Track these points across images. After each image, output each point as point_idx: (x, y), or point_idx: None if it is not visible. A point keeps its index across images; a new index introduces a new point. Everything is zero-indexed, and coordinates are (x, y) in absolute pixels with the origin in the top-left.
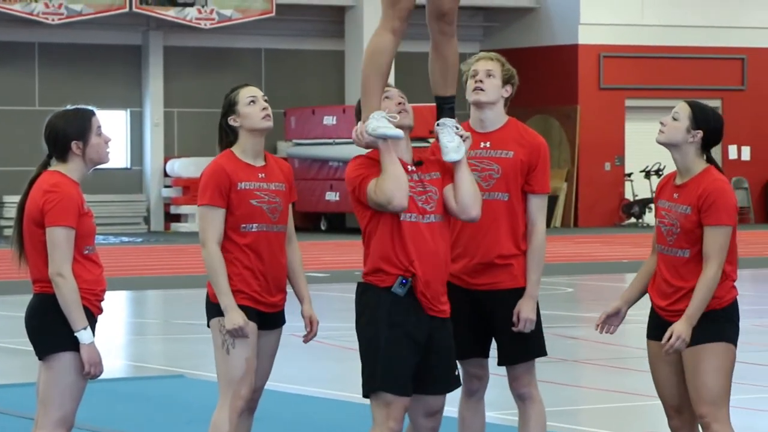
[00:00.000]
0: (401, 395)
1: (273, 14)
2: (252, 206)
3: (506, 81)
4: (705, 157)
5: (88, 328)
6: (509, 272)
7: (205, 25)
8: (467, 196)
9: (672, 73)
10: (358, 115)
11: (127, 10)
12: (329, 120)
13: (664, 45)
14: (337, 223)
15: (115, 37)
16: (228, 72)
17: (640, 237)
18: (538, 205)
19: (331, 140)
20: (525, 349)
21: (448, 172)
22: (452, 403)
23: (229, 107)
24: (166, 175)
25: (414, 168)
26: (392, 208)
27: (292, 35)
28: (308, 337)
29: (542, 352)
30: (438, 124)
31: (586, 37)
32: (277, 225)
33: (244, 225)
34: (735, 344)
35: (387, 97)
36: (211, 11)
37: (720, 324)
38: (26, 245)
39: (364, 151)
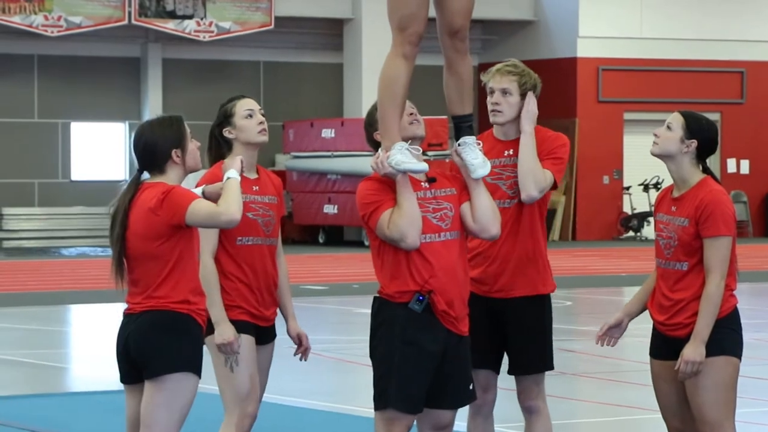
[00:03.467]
0: (410, 413)
1: (272, 27)
2: (248, 219)
3: (524, 94)
4: (701, 167)
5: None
6: (527, 279)
7: (204, 37)
8: (487, 214)
9: (671, 86)
10: (368, 129)
11: (126, 22)
12: (327, 133)
13: (663, 58)
14: (336, 236)
15: (114, 49)
16: (227, 84)
17: (638, 250)
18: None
19: (329, 153)
20: (535, 360)
21: (465, 189)
22: (462, 417)
23: (225, 118)
24: None
25: (427, 185)
26: (404, 246)
27: (291, 48)
28: (301, 352)
29: (550, 366)
30: (459, 144)
31: (584, 50)
32: (270, 238)
33: (239, 238)
34: (737, 355)
35: None
36: (210, 24)
37: (719, 336)
38: (135, 266)
39: (366, 167)
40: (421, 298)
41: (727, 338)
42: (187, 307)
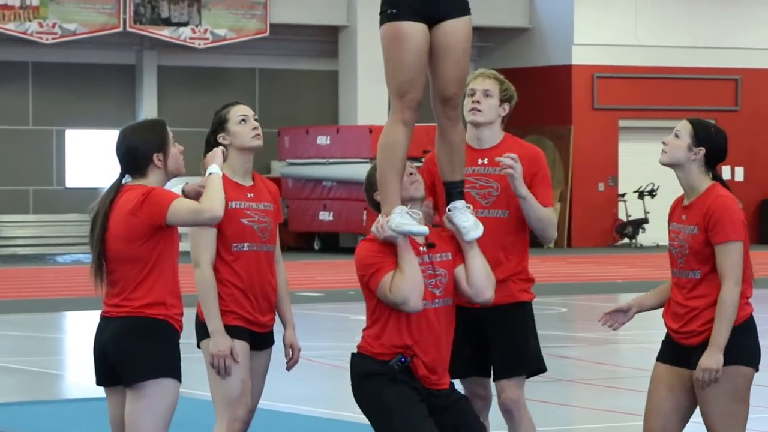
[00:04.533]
0: None
1: (267, 34)
2: (243, 225)
3: (504, 100)
4: (711, 175)
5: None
6: (507, 289)
7: (199, 44)
8: (481, 278)
9: (666, 93)
10: (368, 191)
11: (121, 29)
12: (323, 140)
13: (658, 66)
14: (331, 243)
15: (109, 56)
16: (222, 91)
17: (633, 257)
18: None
19: (324, 160)
20: (515, 363)
21: (459, 252)
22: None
23: (219, 124)
24: None
25: (425, 249)
26: (407, 309)
27: (286, 55)
28: (290, 365)
29: (533, 369)
30: (449, 209)
31: (579, 57)
32: (267, 245)
33: (235, 244)
34: (753, 365)
35: None
36: (205, 31)
37: (732, 344)
38: (114, 268)
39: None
40: (403, 359)
41: (740, 348)
42: (163, 312)
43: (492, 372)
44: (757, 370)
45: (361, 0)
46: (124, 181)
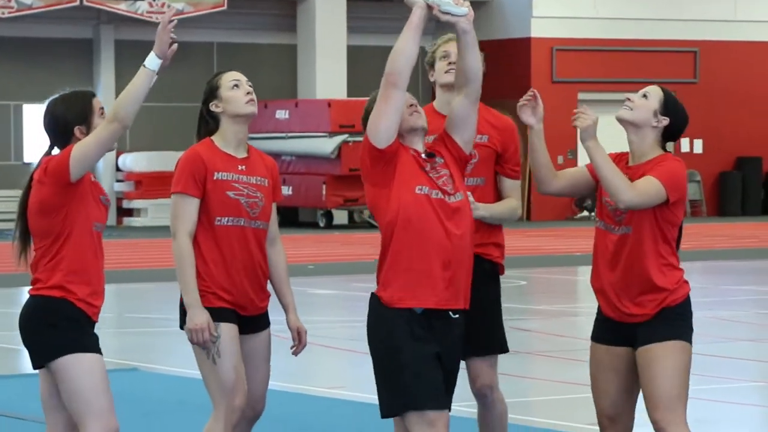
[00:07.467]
0: (444, 409)
1: (225, 8)
2: (228, 198)
3: None
4: (662, 149)
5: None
6: (484, 249)
7: (157, 18)
8: (476, 62)
9: (625, 66)
10: (364, 123)
11: (77, 3)
12: (282, 114)
13: (617, 38)
14: (290, 217)
15: (66, 30)
16: (180, 66)
17: (592, 230)
18: (513, 187)
19: (283, 134)
20: (492, 341)
21: (452, 155)
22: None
23: (211, 92)
24: (118, 169)
25: (426, 158)
26: (393, 79)
27: (245, 29)
28: (298, 350)
29: (506, 348)
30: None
31: (538, 30)
32: (256, 221)
33: (218, 218)
34: (690, 342)
35: None
36: (162, 5)
37: (675, 321)
38: (34, 244)
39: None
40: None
41: (682, 325)
42: (61, 293)
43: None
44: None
45: None
46: (53, 154)
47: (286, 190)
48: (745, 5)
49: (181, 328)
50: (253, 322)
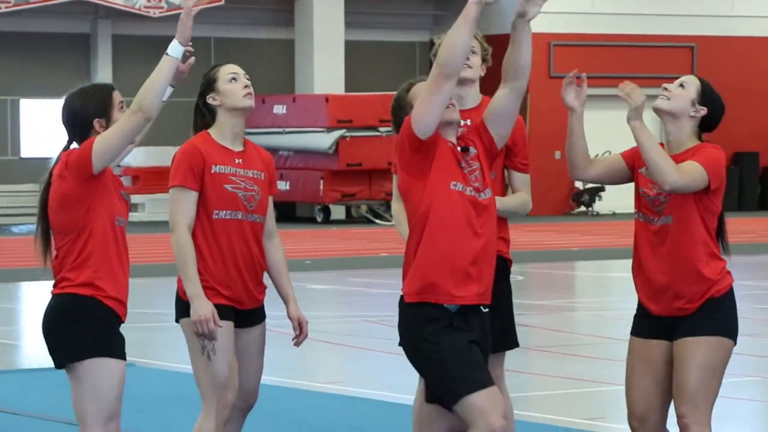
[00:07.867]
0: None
1: (222, 3)
2: (225, 191)
3: (484, 59)
4: (699, 139)
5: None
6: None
7: (154, 13)
8: (528, 55)
9: (622, 61)
10: (397, 114)
11: None
12: (279, 109)
13: (615, 33)
14: (288, 212)
15: (64, 25)
16: None
17: (590, 225)
18: (523, 181)
19: (281, 129)
20: (502, 338)
21: (485, 148)
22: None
23: (208, 85)
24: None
25: (461, 151)
26: (448, 70)
27: (242, 24)
28: (300, 340)
29: (517, 343)
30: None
31: (536, 25)
32: (253, 215)
33: (216, 211)
34: (733, 338)
35: None
36: (160, 0)
37: (716, 315)
38: (56, 242)
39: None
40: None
41: (724, 319)
42: (91, 291)
43: None
44: (735, 344)
45: None
46: (72, 148)
47: (283, 185)
48: (742, 0)
49: (177, 321)
50: (250, 316)
